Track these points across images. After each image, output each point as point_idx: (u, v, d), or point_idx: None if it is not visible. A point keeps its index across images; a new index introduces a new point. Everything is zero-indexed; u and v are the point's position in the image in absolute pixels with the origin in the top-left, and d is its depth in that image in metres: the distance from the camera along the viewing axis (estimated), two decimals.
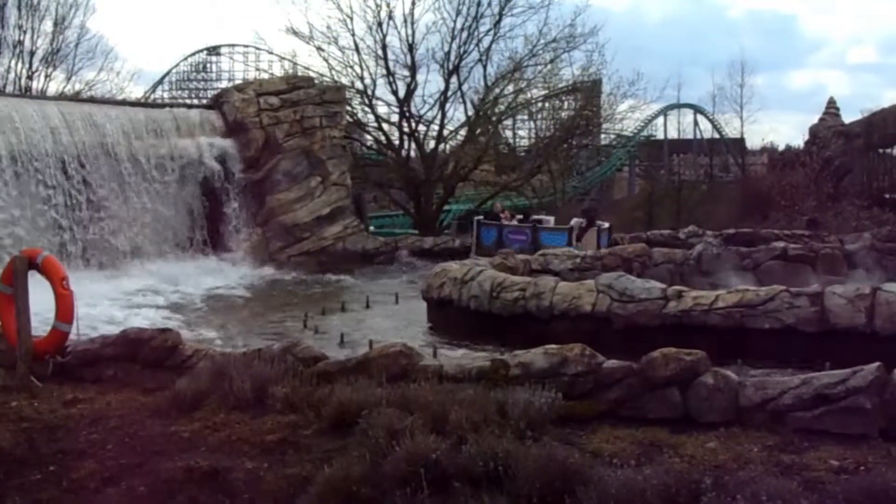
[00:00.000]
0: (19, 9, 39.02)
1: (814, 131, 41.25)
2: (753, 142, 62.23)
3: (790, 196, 37.91)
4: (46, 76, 41.28)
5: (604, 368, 8.95)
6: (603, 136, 48.30)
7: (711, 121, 62.48)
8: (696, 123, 65.74)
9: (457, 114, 39.91)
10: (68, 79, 42.40)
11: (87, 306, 14.93)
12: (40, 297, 11.27)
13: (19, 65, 39.98)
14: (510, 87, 39.02)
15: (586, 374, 8.92)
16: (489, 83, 38.41)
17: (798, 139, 62.58)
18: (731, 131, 59.58)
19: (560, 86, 41.58)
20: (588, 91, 41.89)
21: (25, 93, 37.53)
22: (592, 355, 9.07)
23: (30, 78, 40.44)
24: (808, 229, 28.33)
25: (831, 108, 41.59)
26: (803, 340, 12.64)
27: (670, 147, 66.11)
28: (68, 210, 23.60)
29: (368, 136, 40.99)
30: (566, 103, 43.70)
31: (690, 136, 66.54)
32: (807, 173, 39.09)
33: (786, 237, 24.52)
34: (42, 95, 36.56)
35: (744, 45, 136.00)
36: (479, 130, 39.11)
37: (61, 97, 34.33)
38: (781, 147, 60.48)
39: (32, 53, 40.06)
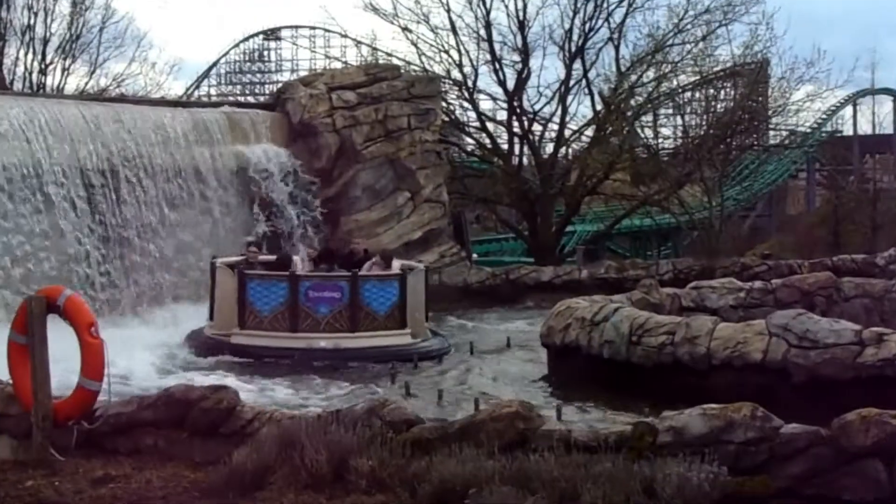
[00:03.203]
0: None
1: None
2: None
3: None
4: (64, 70, 42.26)
5: (782, 435, 8.87)
6: (772, 132, 47.72)
7: None
8: None
9: (581, 108, 39.96)
10: (91, 73, 43.49)
11: (120, 357, 15.17)
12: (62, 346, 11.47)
13: (30, 56, 40.85)
14: (650, 73, 38.90)
15: (759, 442, 8.85)
16: (622, 69, 38.35)
17: None
18: None
19: (715, 69, 41.25)
20: (752, 76, 41.46)
21: (38, 91, 38.33)
22: (766, 417, 8.99)
23: (43, 72, 41.34)
24: None
25: None
26: None
27: (862, 146, 65.05)
28: (95, 238, 24.07)
29: (469, 140, 41.17)
30: (723, 92, 43.33)
31: (889, 132, 65.37)
32: None
33: None
34: (59, 93, 37.42)
35: None
36: (610, 129, 39.01)
37: (83, 96, 35.06)
38: None
39: (46, 41, 40.99)
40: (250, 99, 53.98)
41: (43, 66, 41.21)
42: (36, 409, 10.80)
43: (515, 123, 38.63)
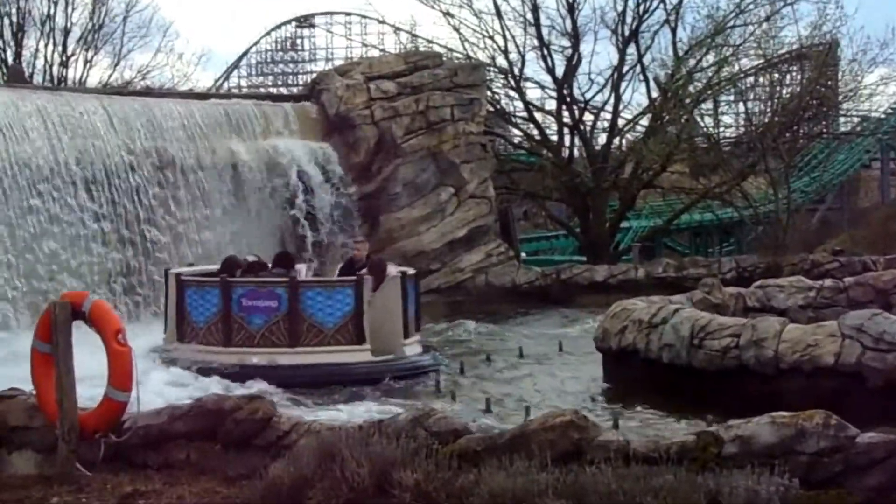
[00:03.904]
0: None
1: None
2: None
3: None
4: (86, 61, 42.64)
5: (858, 444, 8.83)
6: (843, 119, 47.43)
7: None
8: None
9: (636, 96, 39.97)
10: (115, 65, 43.76)
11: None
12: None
13: (50, 47, 41.12)
14: (710, 57, 38.74)
15: (832, 452, 8.79)
16: (680, 53, 38.22)
17: None
18: None
19: (780, 52, 41.03)
20: (820, 58, 41.20)
21: (59, 84, 38.54)
22: (840, 426, 8.94)
23: (64, 64, 41.70)
24: None
25: None
26: None
27: None
28: (120, 239, 24.23)
29: (516, 131, 41.18)
30: (789, 76, 43.10)
31: None
32: None
33: None
34: (81, 87, 37.61)
35: None
36: (667, 118, 38.89)
37: (106, 89, 35.25)
38: None
39: (67, 32, 41.36)
40: (283, 90, 54.18)
41: (64, 57, 41.61)
42: (61, 421, 10.83)
43: (565, 113, 38.62)
